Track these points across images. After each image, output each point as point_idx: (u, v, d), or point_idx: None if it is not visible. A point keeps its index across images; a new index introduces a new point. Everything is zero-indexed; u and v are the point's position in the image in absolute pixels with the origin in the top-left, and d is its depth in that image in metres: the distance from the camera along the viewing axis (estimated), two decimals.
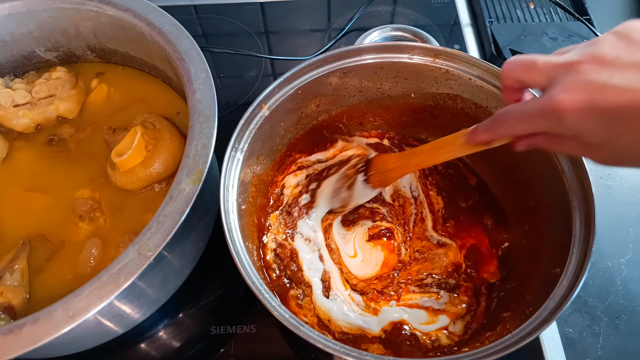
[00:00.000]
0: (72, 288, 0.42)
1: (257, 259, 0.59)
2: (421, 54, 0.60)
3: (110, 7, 0.62)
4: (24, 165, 0.64)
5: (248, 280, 0.45)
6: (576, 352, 0.59)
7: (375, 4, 0.94)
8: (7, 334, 0.40)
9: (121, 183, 0.58)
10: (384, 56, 0.60)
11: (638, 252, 0.66)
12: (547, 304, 0.45)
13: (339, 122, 0.68)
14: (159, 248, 0.44)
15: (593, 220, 0.48)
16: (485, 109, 0.60)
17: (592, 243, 0.47)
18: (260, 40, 0.90)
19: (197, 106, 0.52)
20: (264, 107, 0.57)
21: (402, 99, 0.66)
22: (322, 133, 0.69)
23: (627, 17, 0.93)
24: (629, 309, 0.62)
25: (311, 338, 0.42)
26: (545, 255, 0.53)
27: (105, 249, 0.56)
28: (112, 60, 0.72)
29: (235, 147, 0.54)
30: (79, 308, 0.41)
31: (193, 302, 0.63)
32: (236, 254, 0.47)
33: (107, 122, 0.66)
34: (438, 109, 0.65)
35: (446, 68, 0.59)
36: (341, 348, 0.42)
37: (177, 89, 0.68)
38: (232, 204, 0.51)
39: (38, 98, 0.66)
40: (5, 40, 0.66)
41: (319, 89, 0.61)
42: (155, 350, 0.60)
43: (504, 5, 0.90)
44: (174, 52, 0.57)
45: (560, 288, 0.46)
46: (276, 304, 0.45)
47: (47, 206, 0.60)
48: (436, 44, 0.75)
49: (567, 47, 0.40)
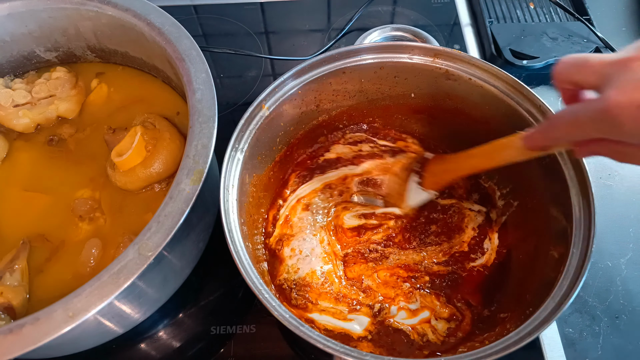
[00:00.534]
0: (72, 288, 0.42)
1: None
2: (421, 54, 0.60)
3: (110, 7, 0.62)
4: (24, 165, 0.64)
5: (248, 280, 0.45)
6: (576, 352, 0.59)
7: (375, 4, 0.94)
8: (7, 334, 0.40)
9: (121, 183, 0.58)
10: (384, 56, 0.60)
11: (638, 252, 0.66)
12: (547, 304, 0.45)
13: (339, 122, 0.68)
14: (159, 248, 0.44)
15: (593, 221, 0.48)
16: (485, 109, 0.60)
17: (592, 243, 0.47)
18: (260, 40, 0.90)
19: (197, 106, 0.52)
20: (264, 107, 0.57)
21: (402, 99, 0.66)
22: (322, 133, 0.69)
23: (627, 17, 0.93)
24: (629, 309, 0.62)
25: (311, 338, 0.42)
26: (545, 255, 0.53)
27: (105, 249, 0.56)
28: (112, 60, 0.72)
29: (235, 147, 0.54)
30: (79, 308, 0.41)
31: (193, 302, 0.63)
32: (236, 254, 0.47)
33: (107, 122, 0.66)
34: (438, 109, 0.65)
35: (446, 68, 0.59)
36: (341, 348, 0.42)
37: (177, 89, 0.68)
38: (232, 204, 0.51)
39: (38, 98, 0.66)
40: (5, 40, 0.66)
41: (320, 89, 0.61)
42: (155, 350, 0.60)
43: (504, 5, 0.90)
44: (174, 52, 0.57)
45: (560, 288, 0.46)
46: (276, 304, 0.45)
47: (47, 206, 0.60)
48: (436, 44, 0.75)
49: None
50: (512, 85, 0.57)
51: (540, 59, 0.80)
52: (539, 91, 0.81)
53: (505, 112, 0.58)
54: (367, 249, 0.62)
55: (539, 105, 0.55)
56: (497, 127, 0.59)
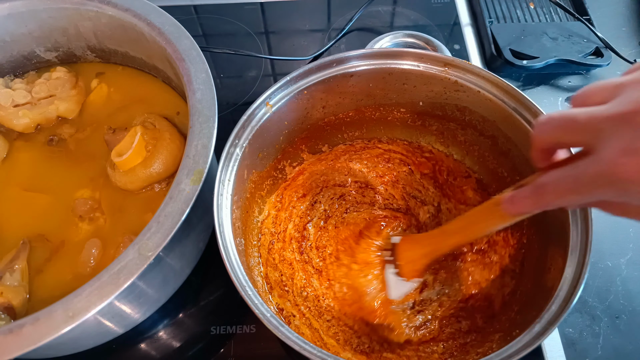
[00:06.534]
0: (72, 288, 0.42)
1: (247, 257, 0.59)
2: (431, 62, 0.59)
3: (110, 7, 0.62)
4: (24, 165, 0.64)
5: (229, 267, 0.45)
6: (576, 352, 0.59)
7: (375, 4, 0.94)
8: (7, 334, 0.40)
9: (121, 183, 0.58)
10: (393, 62, 0.60)
11: (638, 252, 0.66)
12: (550, 309, 0.44)
13: (344, 124, 0.68)
14: (159, 248, 0.44)
15: (590, 222, 0.47)
16: (493, 123, 0.60)
17: (590, 245, 0.46)
18: (260, 40, 0.90)
19: (197, 106, 0.52)
20: (268, 104, 0.57)
21: (410, 107, 0.65)
22: (327, 134, 0.68)
23: (627, 17, 0.93)
24: (629, 309, 0.62)
25: (288, 339, 0.42)
26: (543, 259, 0.53)
27: (105, 249, 0.56)
28: (112, 60, 0.72)
29: (234, 143, 0.54)
30: (79, 308, 0.41)
31: (193, 302, 0.63)
32: (224, 248, 0.47)
33: (107, 122, 0.66)
34: (446, 119, 0.65)
35: (455, 79, 0.59)
36: (318, 352, 0.42)
37: (177, 89, 0.68)
38: (226, 198, 0.51)
39: (38, 98, 0.66)
40: (5, 40, 0.66)
41: (326, 91, 0.61)
42: (155, 350, 0.60)
43: (504, 5, 0.90)
44: (174, 52, 0.57)
45: (561, 292, 0.45)
46: (258, 302, 0.44)
47: (47, 206, 0.60)
48: (448, 54, 0.74)
49: (593, 86, 0.34)
50: (521, 101, 0.55)
51: (540, 59, 0.80)
52: (539, 91, 0.82)
53: (513, 128, 0.57)
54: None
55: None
56: (504, 143, 0.59)
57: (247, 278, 0.47)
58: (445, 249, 0.53)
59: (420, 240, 0.55)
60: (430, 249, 0.53)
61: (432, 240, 0.53)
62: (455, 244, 0.52)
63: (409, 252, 0.55)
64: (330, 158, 0.69)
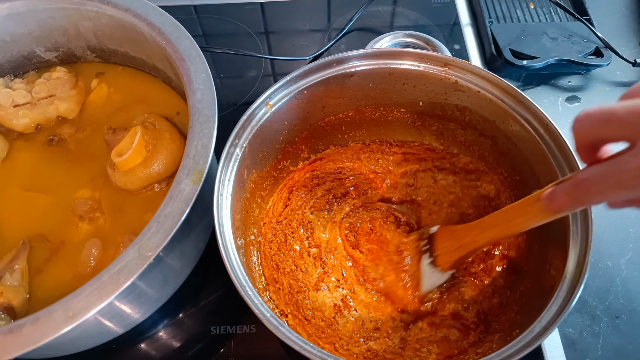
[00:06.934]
0: (72, 288, 0.42)
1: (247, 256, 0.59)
2: (431, 62, 0.59)
3: (110, 7, 0.62)
4: (24, 165, 0.64)
5: (229, 267, 0.45)
6: (576, 352, 0.59)
7: (375, 4, 0.94)
8: (7, 334, 0.40)
9: (121, 183, 0.58)
10: (393, 62, 0.60)
11: (638, 252, 0.66)
12: (550, 309, 0.44)
13: (344, 124, 0.68)
14: (159, 248, 0.44)
15: (590, 223, 0.47)
16: (493, 123, 0.59)
17: (590, 244, 0.46)
18: (260, 40, 0.90)
19: (197, 106, 0.52)
20: (268, 104, 0.57)
21: (410, 107, 0.65)
22: (327, 134, 0.68)
23: (627, 17, 0.93)
24: (629, 309, 0.62)
25: (289, 339, 0.42)
26: (543, 259, 0.53)
27: (105, 249, 0.56)
28: (112, 60, 0.72)
29: (234, 143, 0.54)
30: (79, 308, 0.41)
31: (193, 302, 0.63)
32: (224, 248, 0.47)
33: (107, 122, 0.66)
34: (446, 119, 0.64)
35: (455, 79, 0.59)
36: (318, 352, 0.42)
37: (177, 89, 0.68)
38: (226, 198, 0.52)
39: (38, 98, 0.66)
40: (5, 40, 0.66)
41: (326, 91, 0.61)
42: (155, 350, 0.60)
43: (504, 5, 0.90)
44: (174, 52, 0.57)
45: (561, 292, 0.45)
46: (258, 302, 0.45)
47: (47, 206, 0.60)
48: (448, 54, 0.74)
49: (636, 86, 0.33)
50: (521, 101, 0.55)
51: (540, 59, 0.80)
52: (539, 91, 0.82)
53: (513, 129, 0.57)
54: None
55: (552, 130, 0.53)
56: (504, 143, 0.59)
57: (247, 278, 0.47)
58: (481, 242, 0.52)
59: (458, 232, 0.54)
60: (466, 240, 0.52)
61: (469, 232, 0.52)
62: (492, 238, 0.51)
63: (445, 242, 0.55)
64: (332, 158, 0.69)
